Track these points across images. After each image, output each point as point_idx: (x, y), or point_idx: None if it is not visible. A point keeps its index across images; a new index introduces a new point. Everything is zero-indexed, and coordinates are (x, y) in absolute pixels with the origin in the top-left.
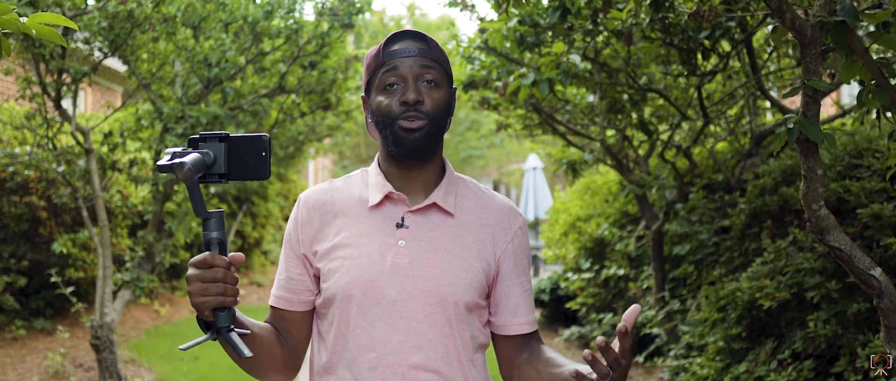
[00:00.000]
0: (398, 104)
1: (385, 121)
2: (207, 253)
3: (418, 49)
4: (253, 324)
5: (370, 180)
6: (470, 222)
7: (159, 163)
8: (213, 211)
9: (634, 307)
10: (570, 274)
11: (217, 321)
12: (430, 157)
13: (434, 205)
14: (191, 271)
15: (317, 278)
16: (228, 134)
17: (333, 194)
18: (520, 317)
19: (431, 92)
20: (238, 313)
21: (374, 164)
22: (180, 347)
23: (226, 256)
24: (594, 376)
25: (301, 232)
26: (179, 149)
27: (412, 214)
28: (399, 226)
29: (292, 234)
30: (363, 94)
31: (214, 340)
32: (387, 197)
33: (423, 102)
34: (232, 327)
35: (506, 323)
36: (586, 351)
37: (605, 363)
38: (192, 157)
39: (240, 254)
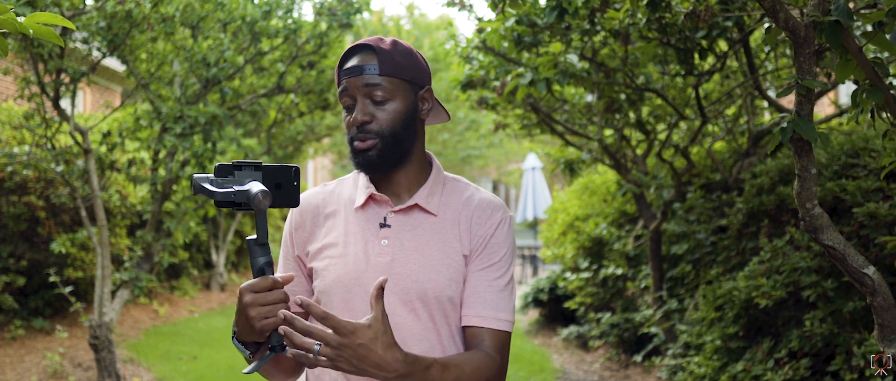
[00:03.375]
0: (350, 125)
1: (348, 139)
2: (265, 277)
3: (364, 66)
4: None
5: (359, 183)
6: (451, 218)
7: (213, 189)
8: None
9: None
10: (568, 274)
11: (271, 340)
12: (392, 167)
13: (416, 205)
14: (248, 296)
15: (310, 278)
16: (262, 163)
17: (326, 197)
18: (470, 309)
19: (381, 109)
20: None
21: None
22: (245, 370)
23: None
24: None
25: (295, 235)
26: (210, 176)
27: (395, 214)
28: (382, 225)
29: (287, 237)
30: None
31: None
32: (371, 198)
33: (370, 122)
34: (285, 344)
35: (462, 314)
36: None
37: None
38: (259, 184)
39: (289, 274)
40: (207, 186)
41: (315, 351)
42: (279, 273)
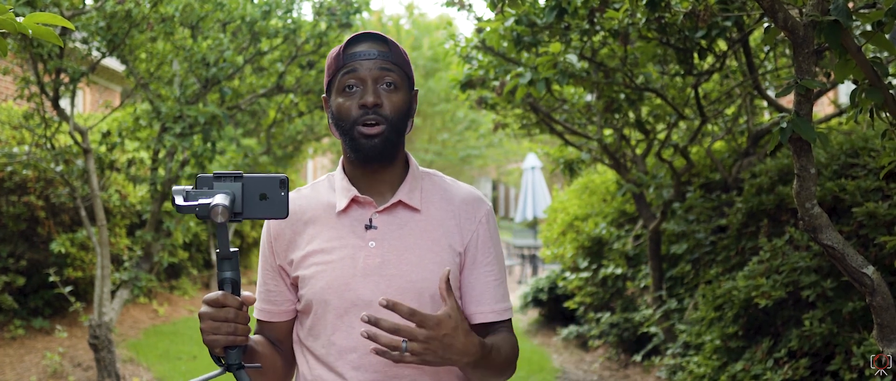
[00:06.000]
0: (357, 107)
1: (344, 125)
2: (220, 293)
3: (378, 52)
4: (255, 343)
5: (336, 185)
6: (436, 214)
7: (180, 203)
8: (232, 250)
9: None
10: (567, 273)
11: (227, 358)
12: (391, 159)
13: (400, 203)
14: (203, 308)
15: (295, 287)
16: (242, 174)
17: (302, 203)
18: (483, 306)
19: (390, 95)
20: (250, 340)
21: (339, 168)
22: None
23: (239, 296)
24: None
25: (275, 244)
26: (188, 188)
27: (379, 214)
28: (368, 227)
29: (266, 247)
30: (324, 94)
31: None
32: (353, 201)
33: (382, 106)
34: (242, 364)
35: (471, 312)
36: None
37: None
38: (223, 197)
39: (251, 295)
40: (177, 198)
41: (403, 348)
42: (259, 281)
